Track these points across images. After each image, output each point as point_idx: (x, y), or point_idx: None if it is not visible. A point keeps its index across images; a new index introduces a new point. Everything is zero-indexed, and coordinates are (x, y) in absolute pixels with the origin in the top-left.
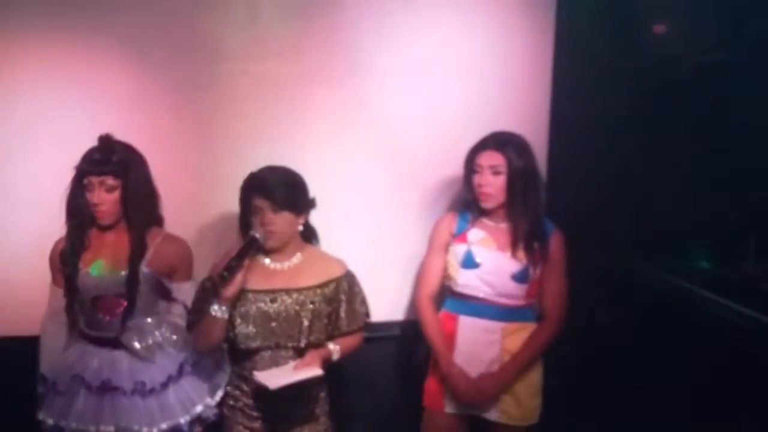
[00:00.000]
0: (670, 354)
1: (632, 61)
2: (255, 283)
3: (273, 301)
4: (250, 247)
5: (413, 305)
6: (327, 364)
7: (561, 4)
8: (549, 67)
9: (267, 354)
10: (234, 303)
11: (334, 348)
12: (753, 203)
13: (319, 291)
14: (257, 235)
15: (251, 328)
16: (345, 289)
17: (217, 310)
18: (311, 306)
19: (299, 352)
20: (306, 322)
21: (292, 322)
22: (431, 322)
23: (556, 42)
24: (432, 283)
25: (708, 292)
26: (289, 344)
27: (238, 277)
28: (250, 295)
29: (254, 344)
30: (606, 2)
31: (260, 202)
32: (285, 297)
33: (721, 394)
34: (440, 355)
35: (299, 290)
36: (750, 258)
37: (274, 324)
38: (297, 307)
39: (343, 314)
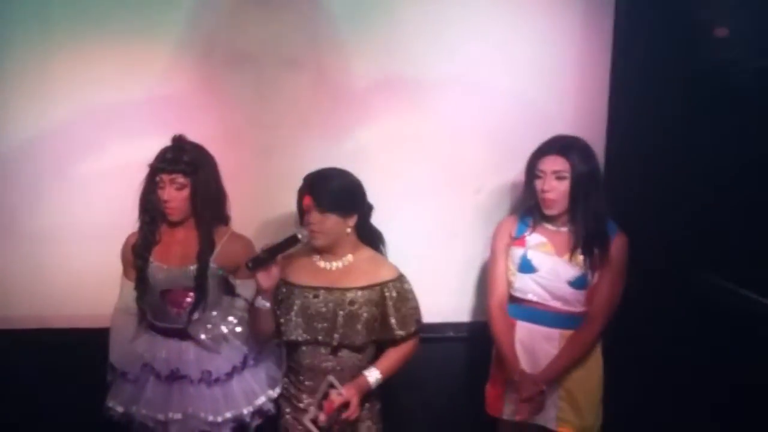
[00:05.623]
0: (734, 365)
1: (691, 64)
2: (302, 278)
3: (315, 297)
4: (288, 244)
5: (485, 313)
6: (366, 391)
7: (619, 9)
8: (607, 71)
9: (306, 348)
10: (277, 296)
11: (370, 374)
12: None
13: (360, 293)
14: (299, 234)
15: (293, 322)
16: (393, 295)
17: (257, 301)
18: (350, 307)
19: (334, 351)
20: (341, 321)
21: (330, 320)
22: (501, 330)
23: (614, 46)
24: (500, 289)
25: None
26: (326, 340)
27: (273, 271)
28: (296, 290)
29: (294, 337)
30: (664, 6)
31: (309, 201)
32: (326, 295)
33: None
34: (508, 363)
35: (341, 290)
36: None
37: (313, 320)
38: (335, 306)
39: (392, 320)
